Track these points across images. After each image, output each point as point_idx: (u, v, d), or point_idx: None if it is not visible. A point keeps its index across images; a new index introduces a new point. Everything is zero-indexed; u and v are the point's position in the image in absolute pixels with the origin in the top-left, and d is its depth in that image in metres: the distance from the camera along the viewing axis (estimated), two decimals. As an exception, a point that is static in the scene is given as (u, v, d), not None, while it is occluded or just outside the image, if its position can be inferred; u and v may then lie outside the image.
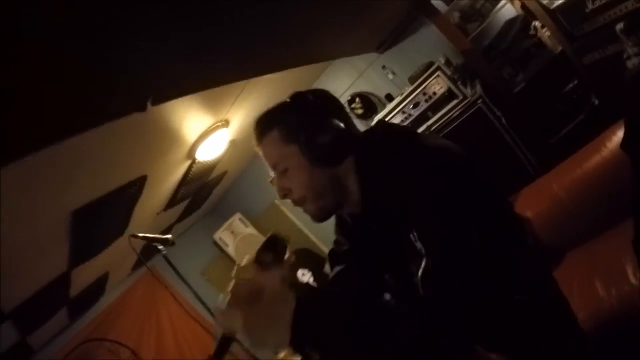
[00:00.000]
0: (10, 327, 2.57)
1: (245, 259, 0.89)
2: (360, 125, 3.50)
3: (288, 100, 1.07)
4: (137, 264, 4.07)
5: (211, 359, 0.81)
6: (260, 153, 1.07)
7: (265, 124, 1.04)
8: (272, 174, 1.07)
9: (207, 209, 4.90)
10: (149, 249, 3.87)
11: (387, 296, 1.00)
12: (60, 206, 1.98)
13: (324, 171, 1.00)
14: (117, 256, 3.20)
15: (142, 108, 1.16)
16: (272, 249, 0.90)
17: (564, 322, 1.03)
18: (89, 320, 3.84)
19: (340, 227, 1.24)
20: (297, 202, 1.05)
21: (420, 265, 0.82)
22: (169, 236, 2.15)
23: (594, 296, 1.90)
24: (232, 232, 4.73)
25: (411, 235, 0.84)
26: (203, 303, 2.21)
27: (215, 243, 4.71)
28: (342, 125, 1.01)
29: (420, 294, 0.81)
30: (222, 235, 4.66)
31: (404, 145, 0.96)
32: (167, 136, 2.32)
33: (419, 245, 0.83)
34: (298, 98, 1.06)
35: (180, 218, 3.96)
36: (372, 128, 1.15)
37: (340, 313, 0.78)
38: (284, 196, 1.06)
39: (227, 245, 4.61)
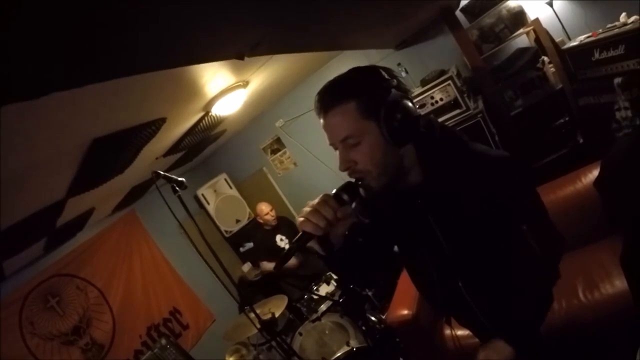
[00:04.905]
0: (-7, 248, 2.47)
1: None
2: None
3: (363, 73, 1.06)
4: (119, 207, 4.03)
5: (290, 246, 1.04)
6: (326, 121, 1.05)
7: (341, 93, 1.02)
8: (332, 142, 1.07)
9: (195, 163, 4.87)
10: (132, 194, 3.89)
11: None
12: (86, 131, 1.99)
13: (393, 150, 1.05)
14: (107, 194, 3.20)
15: (241, 57, 1.25)
16: (349, 191, 1.05)
17: None
18: (63, 254, 3.75)
19: (363, 205, 1.26)
20: (357, 174, 1.07)
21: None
22: (183, 179, 2.23)
23: (547, 306, 2.20)
24: (215, 191, 4.76)
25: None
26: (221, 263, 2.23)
27: (196, 198, 4.71)
28: (415, 109, 1.06)
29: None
30: (205, 192, 4.67)
31: (462, 147, 1.14)
32: (195, 86, 2.38)
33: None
34: (375, 73, 1.05)
35: (171, 168, 3.95)
36: (430, 122, 1.15)
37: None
38: (347, 168, 1.07)
39: (208, 203, 4.64)
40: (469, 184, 1.09)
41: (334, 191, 1.06)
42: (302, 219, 1.01)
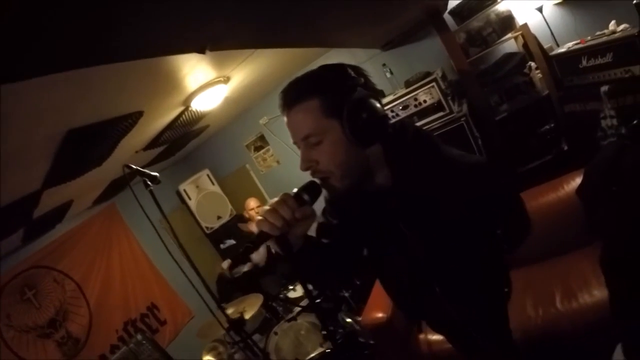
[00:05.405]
0: (-31, 237, 2.43)
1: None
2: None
3: (329, 70, 1.03)
4: (99, 200, 3.97)
5: (246, 248, 0.98)
6: (289, 118, 1.03)
7: (304, 90, 1.00)
8: (294, 140, 1.06)
9: (177, 158, 4.83)
10: (112, 187, 3.83)
11: None
12: (61, 121, 1.94)
13: (357, 151, 1.01)
14: (86, 186, 3.15)
15: (202, 51, 1.21)
16: (310, 191, 1.02)
17: None
18: (41, 246, 3.71)
19: (331, 206, 1.26)
20: (319, 174, 1.05)
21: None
22: (157, 174, 2.18)
23: (523, 313, 2.19)
24: (198, 186, 4.72)
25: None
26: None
27: (178, 194, 4.66)
28: (382, 109, 1.03)
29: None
30: (187, 187, 4.62)
31: (435, 151, 1.10)
32: (172, 80, 2.33)
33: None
34: (341, 71, 1.02)
35: (153, 162, 3.90)
36: (403, 124, 1.15)
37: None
38: (307, 168, 1.05)
39: (190, 198, 4.59)
40: (440, 188, 1.05)
41: (294, 190, 1.02)
42: (259, 218, 0.98)
